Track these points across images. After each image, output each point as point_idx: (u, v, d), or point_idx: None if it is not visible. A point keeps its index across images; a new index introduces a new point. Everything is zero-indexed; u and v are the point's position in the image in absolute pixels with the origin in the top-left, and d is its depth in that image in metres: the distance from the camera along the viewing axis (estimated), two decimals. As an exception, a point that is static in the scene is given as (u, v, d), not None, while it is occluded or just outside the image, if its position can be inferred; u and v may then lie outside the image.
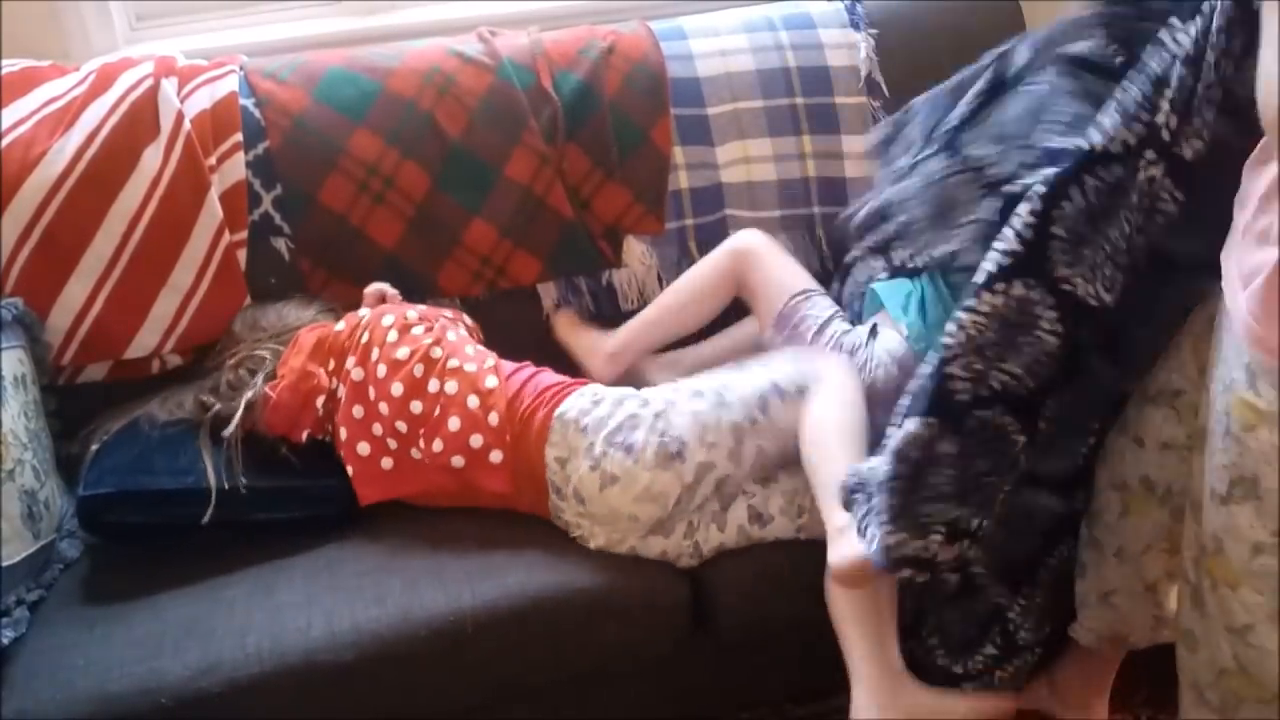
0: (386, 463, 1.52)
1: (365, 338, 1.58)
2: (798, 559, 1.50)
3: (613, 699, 1.55)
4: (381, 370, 1.54)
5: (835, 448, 1.43)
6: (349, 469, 1.52)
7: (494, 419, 1.49)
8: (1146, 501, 1.37)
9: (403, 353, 1.55)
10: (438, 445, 1.49)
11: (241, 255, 1.73)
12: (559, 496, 1.48)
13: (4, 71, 1.72)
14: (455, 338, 1.61)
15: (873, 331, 1.63)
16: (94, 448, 1.53)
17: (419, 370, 1.53)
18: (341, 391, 1.56)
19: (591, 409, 1.48)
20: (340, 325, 1.63)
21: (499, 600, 1.38)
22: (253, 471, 1.50)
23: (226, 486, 1.46)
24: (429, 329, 1.60)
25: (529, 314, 1.87)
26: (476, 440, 1.48)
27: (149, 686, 1.28)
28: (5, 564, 1.37)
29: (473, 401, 1.51)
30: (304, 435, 1.55)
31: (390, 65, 1.82)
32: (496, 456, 1.48)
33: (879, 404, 1.50)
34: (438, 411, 1.50)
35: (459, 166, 1.80)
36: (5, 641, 1.33)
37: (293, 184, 1.76)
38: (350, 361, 1.56)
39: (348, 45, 1.93)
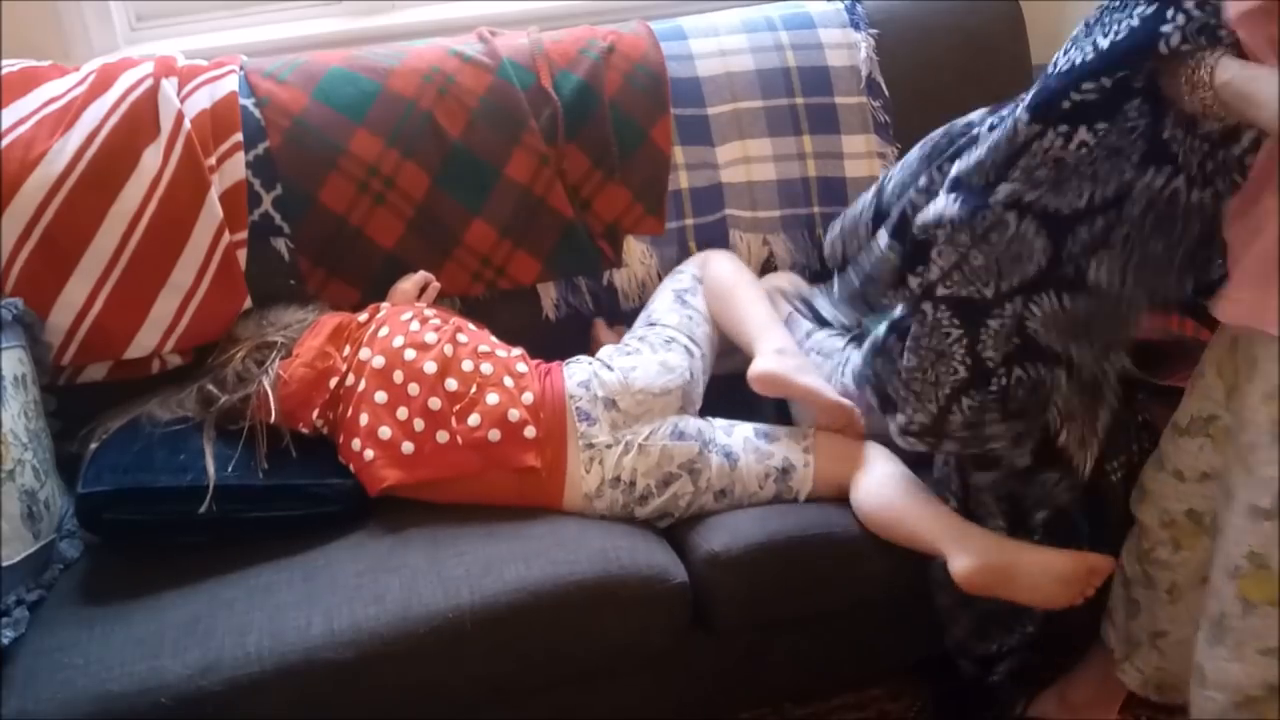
0: (408, 446, 1.53)
1: (385, 331, 1.60)
2: (797, 558, 1.50)
3: (613, 699, 1.55)
4: (410, 354, 1.57)
5: (741, 292, 1.72)
6: (368, 453, 1.52)
7: (528, 398, 1.56)
8: (1195, 535, 1.35)
9: (430, 337, 1.60)
10: (474, 420, 1.53)
11: (241, 255, 1.73)
12: (589, 423, 1.55)
13: (4, 71, 1.72)
14: (474, 329, 1.68)
15: (858, 340, 1.66)
16: (93, 446, 1.53)
17: (449, 350, 1.58)
18: (352, 380, 1.57)
19: (586, 360, 1.64)
20: (363, 316, 1.66)
21: (498, 597, 1.38)
22: (252, 470, 1.50)
23: (229, 483, 1.46)
24: (445, 320, 1.65)
25: (529, 314, 1.87)
26: (514, 414, 1.54)
27: (149, 686, 1.28)
28: (5, 564, 1.37)
29: (508, 381, 1.57)
30: (313, 415, 1.56)
31: (390, 65, 1.82)
32: (530, 432, 1.54)
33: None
34: (474, 390, 1.56)
35: (459, 166, 1.80)
36: (5, 641, 1.33)
37: (293, 184, 1.76)
38: (366, 353, 1.58)
39: (348, 45, 1.93)
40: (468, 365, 1.58)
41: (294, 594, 1.39)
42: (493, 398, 1.55)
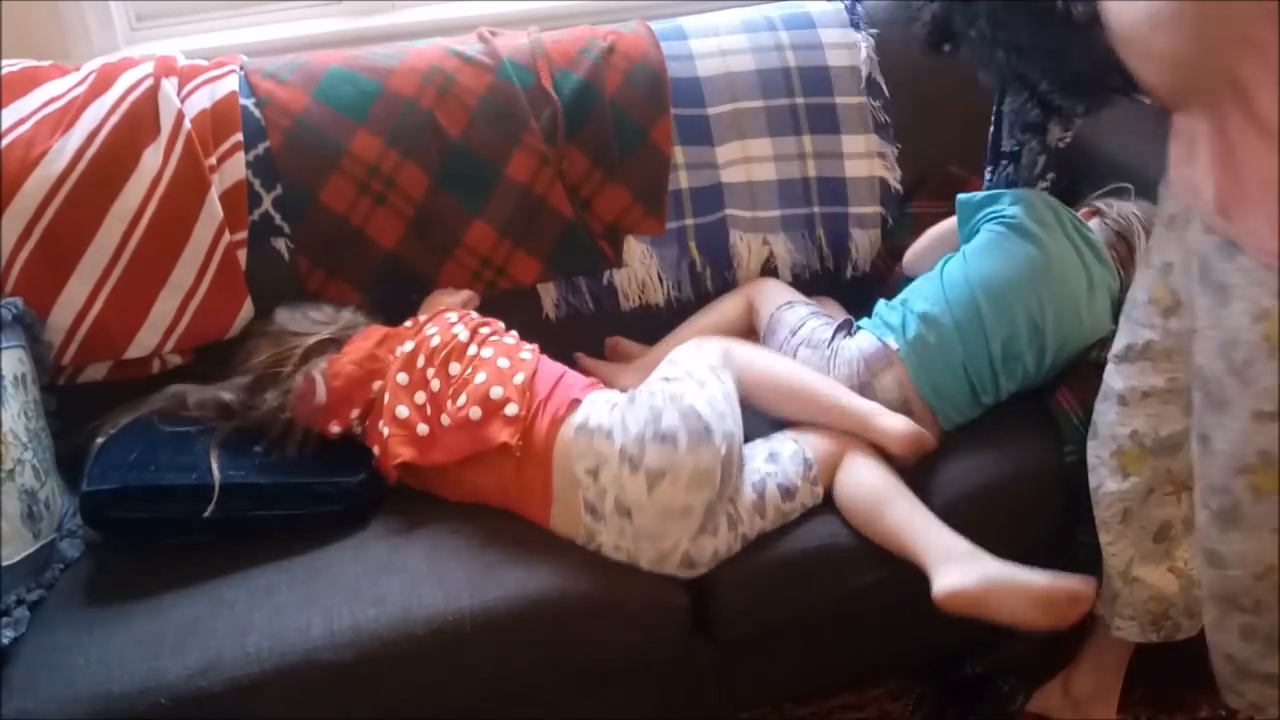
0: (422, 428, 1.53)
1: (431, 329, 1.61)
2: (797, 560, 1.50)
3: (613, 699, 1.55)
4: (434, 341, 1.58)
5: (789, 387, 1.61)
6: (385, 429, 1.53)
7: (519, 379, 1.53)
8: (1140, 457, 1.42)
9: (459, 329, 1.60)
10: (462, 399, 1.52)
11: (242, 255, 1.73)
12: (594, 517, 1.44)
13: (4, 71, 1.71)
14: (501, 326, 1.67)
15: (848, 329, 1.70)
16: (100, 440, 1.53)
17: (464, 335, 1.59)
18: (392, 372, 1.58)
19: (609, 411, 1.48)
20: (408, 324, 1.66)
21: (499, 601, 1.38)
22: (256, 468, 1.50)
23: (233, 481, 1.46)
24: (483, 319, 1.66)
25: (529, 314, 1.87)
26: (497, 391, 1.51)
27: (149, 686, 1.28)
28: (5, 564, 1.37)
29: (503, 363, 1.55)
30: (351, 415, 1.57)
31: (390, 65, 1.82)
32: (512, 409, 1.49)
33: None
34: (469, 371, 1.55)
35: (459, 166, 1.80)
36: (5, 641, 1.33)
37: (293, 184, 1.76)
38: (409, 345, 1.59)
39: (348, 45, 1.93)
40: (472, 350, 1.58)
41: (294, 595, 1.39)
42: (480, 376, 1.53)
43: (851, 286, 1.97)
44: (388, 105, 1.78)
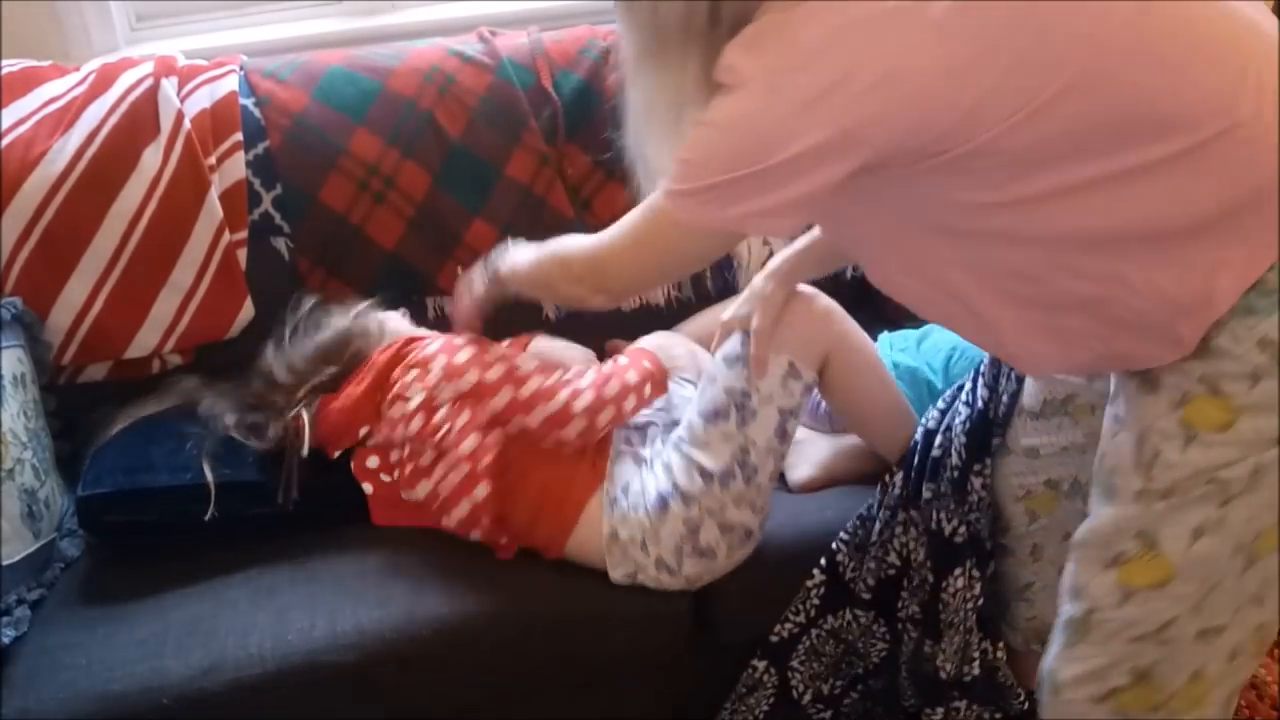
0: (405, 494, 1.48)
1: (411, 375, 1.47)
2: (797, 560, 1.50)
3: (614, 699, 1.55)
4: (397, 409, 1.47)
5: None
6: (366, 487, 1.50)
7: (481, 493, 1.42)
8: (1052, 500, 1.39)
9: (415, 422, 1.45)
10: (422, 489, 1.46)
11: (242, 255, 1.73)
12: (622, 569, 1.44)
13: (4, 71, 1.72)
14: (475, 378, 1.47)
15: None
16: (109, 435, 1.52)
17: (416, 427, 1.45)
18: (391, 409, 1.49)
19: (631, 515, 1.42)
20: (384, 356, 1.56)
21: (503, 603, 1.38)
22: (250, 466, 1.49)
23: (228, 480, 1.45)
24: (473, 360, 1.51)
25: (529, 314, 1.87)
26: (464, 509, 1.43)
27: (151, 686, 1.28)
28: (5, 563, 1.37)
29: (468, 445, 1.43)
30: (360, 434, 1.50)
31: (390, 65, 1.82)
32: (478, 536, 1.45)
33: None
34: (435, 464, 1.45)
35: (459, 166, 1.80)
36: (6, 641, 1.32)
37: (293, 184, 1.76)
38: (395, 408, 1.48)
39: (348, 45, 1.93)
40: (427, 458, 1.44)
41: (297, 595, 1.39)
42: (446, 485, 1.43)
43: (852, 286, 1.97)
44: (388, 105, 1.78)
